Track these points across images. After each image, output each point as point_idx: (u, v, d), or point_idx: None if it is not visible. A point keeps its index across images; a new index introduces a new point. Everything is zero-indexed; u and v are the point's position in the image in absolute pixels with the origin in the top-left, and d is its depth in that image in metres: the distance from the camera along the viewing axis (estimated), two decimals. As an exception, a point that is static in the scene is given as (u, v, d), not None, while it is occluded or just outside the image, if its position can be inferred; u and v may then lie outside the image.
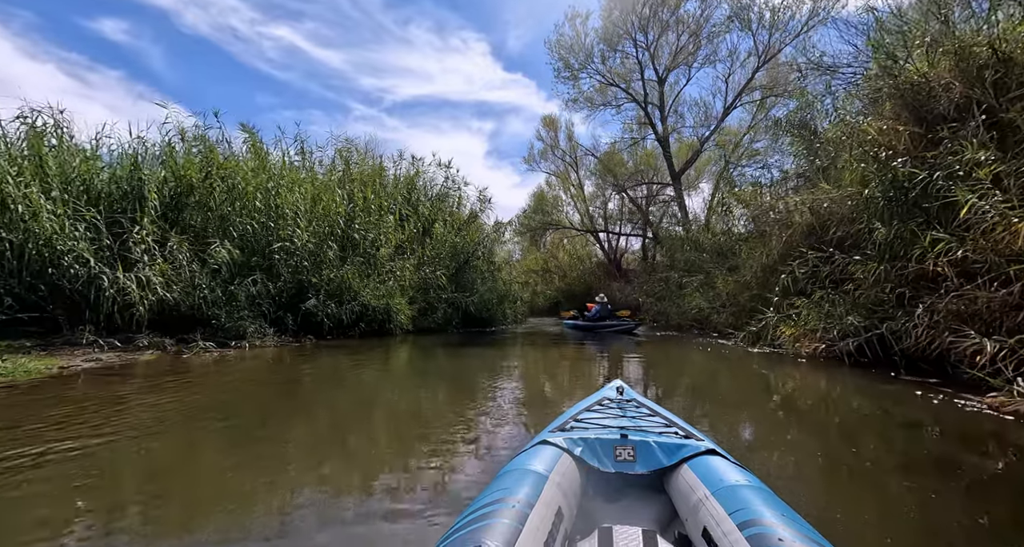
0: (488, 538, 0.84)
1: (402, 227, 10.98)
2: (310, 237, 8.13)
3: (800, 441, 2.66)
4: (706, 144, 18.61)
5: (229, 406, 3.34)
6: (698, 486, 1.12)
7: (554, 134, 25.11)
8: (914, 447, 2.50)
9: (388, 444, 2.55)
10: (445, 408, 3.42)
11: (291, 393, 3.84)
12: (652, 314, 13.63)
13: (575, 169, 25.14)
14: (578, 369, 5.59)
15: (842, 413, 3.31)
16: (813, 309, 6.03)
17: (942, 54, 6.22)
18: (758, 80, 17.41)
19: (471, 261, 12.05)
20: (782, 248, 8.18)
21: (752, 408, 3.50)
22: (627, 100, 19.95)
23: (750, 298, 9.29)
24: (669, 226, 19.47)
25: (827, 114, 8.71)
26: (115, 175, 6.52)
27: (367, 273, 8.90)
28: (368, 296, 8.43)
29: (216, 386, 4.03)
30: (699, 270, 12.35)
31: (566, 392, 4.10)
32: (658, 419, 1.60)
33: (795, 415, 3.28)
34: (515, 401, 3.51)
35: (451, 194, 13.95)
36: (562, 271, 27.08)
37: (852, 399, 3.68)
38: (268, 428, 2.75)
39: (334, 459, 2.28)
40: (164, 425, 2.75)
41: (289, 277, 7.79)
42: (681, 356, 7.02)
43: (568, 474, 1.22)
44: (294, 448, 2.44)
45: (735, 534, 0.89)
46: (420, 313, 10.03)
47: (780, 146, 11.33)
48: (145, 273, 5.57)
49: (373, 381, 4.51)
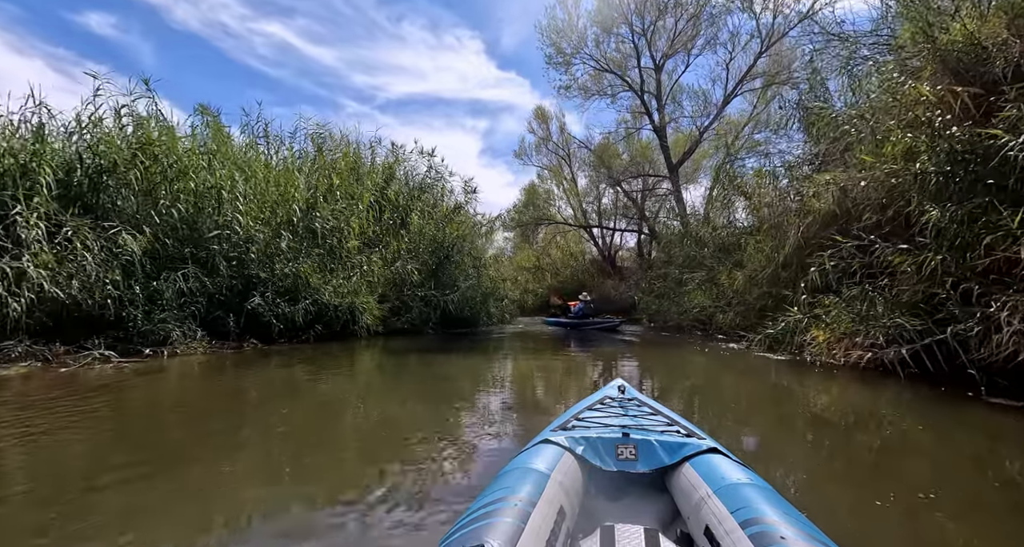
0: (490, 537, 0.83)
1: (377, 218, 9.92)
2: (260, 225, 7.02)
3: (891, 511, 1.63)
4: (706, 133, 17.66)
5: (61, 454, 2.26)
6: (700, 484, 1.11)
7: (546, 127, 24.08)
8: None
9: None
10: (391, 444, 2.37)
11: (191, 423, 2.78)
12: (650, 313, 12.65)
13: (568, 163, 24.12)
14: (564, 383, 4.55)
15: (929, 452, 2.30)
16: (845, 309, 5.05)
17: (995, 9, 5.31)
18: (761, 66, 16.48)
19: (452, 256, 10.98)
20: (799, 239, 7.20)
21: (798, 444, 2.48)
22: (622, 89, 18.96)
23: (759, 296, 8.33)
24: (667, 220, 18.52)
25: (847, 88, 7.76)
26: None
27: (329, 267, 7.82)
28: (329, 294, 7.34)
29: (72, 415, 2.94)
30: (700, 266, 11.37)
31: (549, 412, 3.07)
32: (660, 418, 1.57)
33: (867, 455, 2.25)
34: (483, 431, 2.47)
35: (434, 185, 12.90)
36: (554, 268, 26.07)
37: (935, 431, 2.68)
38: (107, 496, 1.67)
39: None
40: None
41: (232, 271, 6.68)
42: (687, 364, 6.01)
43: (570, 473, 1.21)
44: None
45: (737, 532, 0.88)
46: (392, 312, 8.95)
47: (788, 132, 10.31)
48: (19, 264, 4.42)
49: (301, 404, 3.44)
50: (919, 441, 2.54)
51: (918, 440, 2.56)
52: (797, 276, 7.38)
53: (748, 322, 8.29)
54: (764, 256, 8.59)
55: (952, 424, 2.82)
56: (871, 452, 2.38)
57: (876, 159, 5.30)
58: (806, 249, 7.13)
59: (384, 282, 8.91)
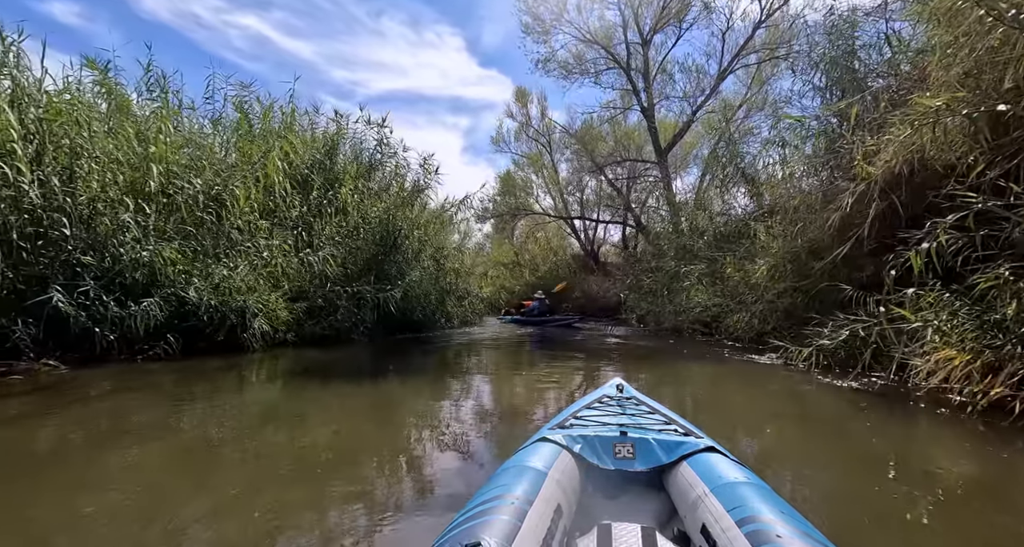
0: (487, 535, 0.82)
1: (305, 199, 7.78)
2: (74, 187, 4.79)
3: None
4: (699, 113, 15.92)
5: None
6: (697, 483, 1.11)
7: (526, 112, 22.06)
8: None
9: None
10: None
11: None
12: (640, 313, 10.77)
13: (549, 151, 22.17)
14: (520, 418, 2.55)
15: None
16: (967, 314, 3.19)
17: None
18: (759, 39, 14.78)
19: (401, 244, 8.86)
20: (843, 217, 5.37)
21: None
22: (607, 66, 17.09)
23: (782, 293, 6.51)
24: (657, 208, 16.75)
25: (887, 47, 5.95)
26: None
27: (214, 253, 5.64)
28: (200, 289, 5.18)
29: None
30: (697, 258, 9.55)
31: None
32: (658, 417, 1.56)
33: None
34: None
35: (386, 162, 10.75)
36: (533, 264, 24.12)
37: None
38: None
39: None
40: None
41: (25, 254, 4.47)
42: (712, 396, 4.09)
43: (567, 471, 1.21)
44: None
45: (734, 531, 0.89)
46: (309, 314, 6.80)
47: (811, 79, 8.26)
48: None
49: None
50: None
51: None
52: (843, 266, 5.58)
53: (771, 326, 6.47)
54: (784, 243, 6.79)
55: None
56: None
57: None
58: (851, 230, 5.34)
59: (300, 275, 6.76)
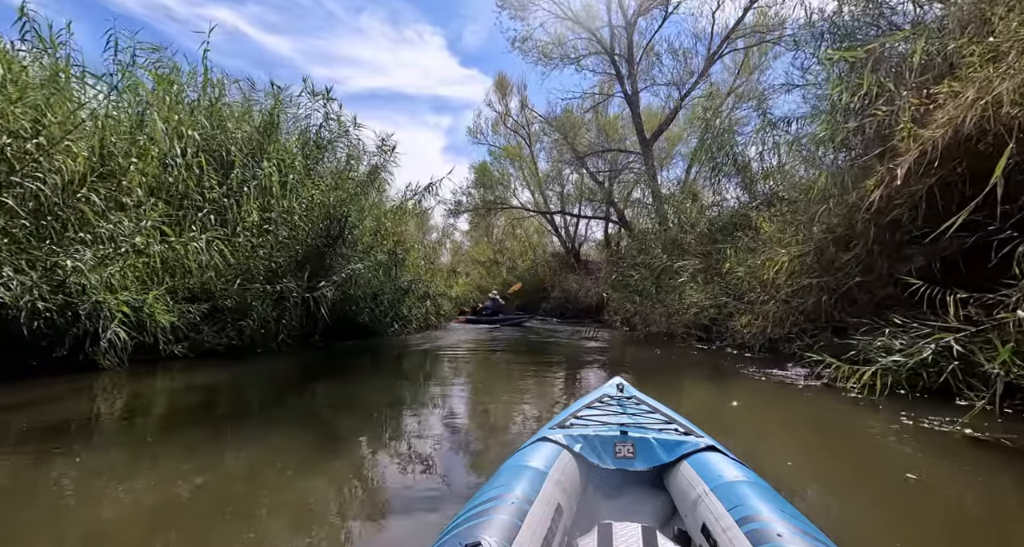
0: (487, 534, 0.82)
1: (223, 180, 6.25)
2: None
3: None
4: (687, 99, 14.85)
5: None
6: (697, 482, 1.11)
7: (506, 102, 20.73)
8: None
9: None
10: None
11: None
12: (626, 315, 9.54)
13: (528, 143, 20.87)
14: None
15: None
16: None
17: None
18: (751, 19, 13.80)
19: (348, 234, 7.41)
20: (886, 197, 4.21)
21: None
22: (588, 52, 15.88)
23: (800, 290, 5.36)
24: (642, 198, 15.63)
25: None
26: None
27: (39, 235, 4.11)
28: (25, 287, 3.67)
29: None
30: (688, 253, 8.39)
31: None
32: (658, 416, 1.56)
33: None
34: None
35: (336, 140, 9.22)
36: (511, 261, 22.80)
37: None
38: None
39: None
40: None
41: None
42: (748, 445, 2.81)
43: (568, 471, 1.20)
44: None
45: (734, 530, 0.89)
46: (211, 318, 5.29)
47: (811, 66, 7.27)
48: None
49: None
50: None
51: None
52: (882, 258, 4.46)
53: (787, 331, 5.32)
54: (799, 232, 5.66)
55: None
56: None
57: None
58: (891, 211, 4.23)
59: (201, 269, 5.25)
